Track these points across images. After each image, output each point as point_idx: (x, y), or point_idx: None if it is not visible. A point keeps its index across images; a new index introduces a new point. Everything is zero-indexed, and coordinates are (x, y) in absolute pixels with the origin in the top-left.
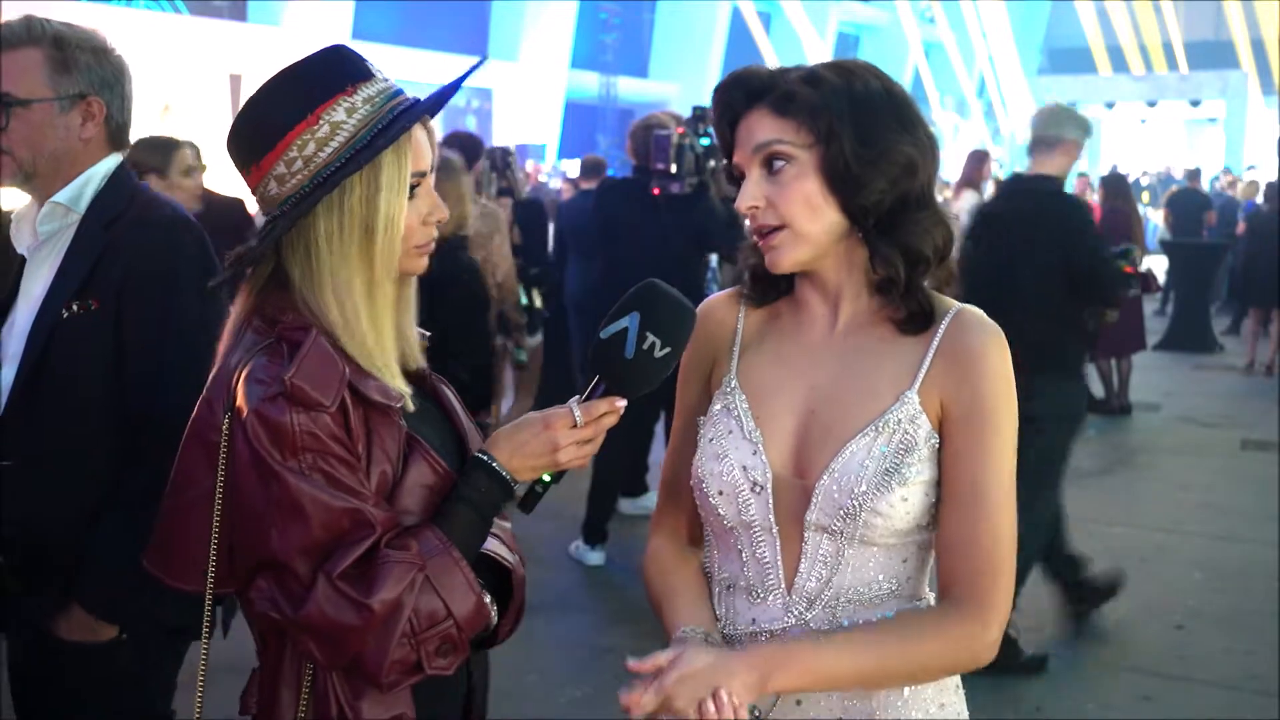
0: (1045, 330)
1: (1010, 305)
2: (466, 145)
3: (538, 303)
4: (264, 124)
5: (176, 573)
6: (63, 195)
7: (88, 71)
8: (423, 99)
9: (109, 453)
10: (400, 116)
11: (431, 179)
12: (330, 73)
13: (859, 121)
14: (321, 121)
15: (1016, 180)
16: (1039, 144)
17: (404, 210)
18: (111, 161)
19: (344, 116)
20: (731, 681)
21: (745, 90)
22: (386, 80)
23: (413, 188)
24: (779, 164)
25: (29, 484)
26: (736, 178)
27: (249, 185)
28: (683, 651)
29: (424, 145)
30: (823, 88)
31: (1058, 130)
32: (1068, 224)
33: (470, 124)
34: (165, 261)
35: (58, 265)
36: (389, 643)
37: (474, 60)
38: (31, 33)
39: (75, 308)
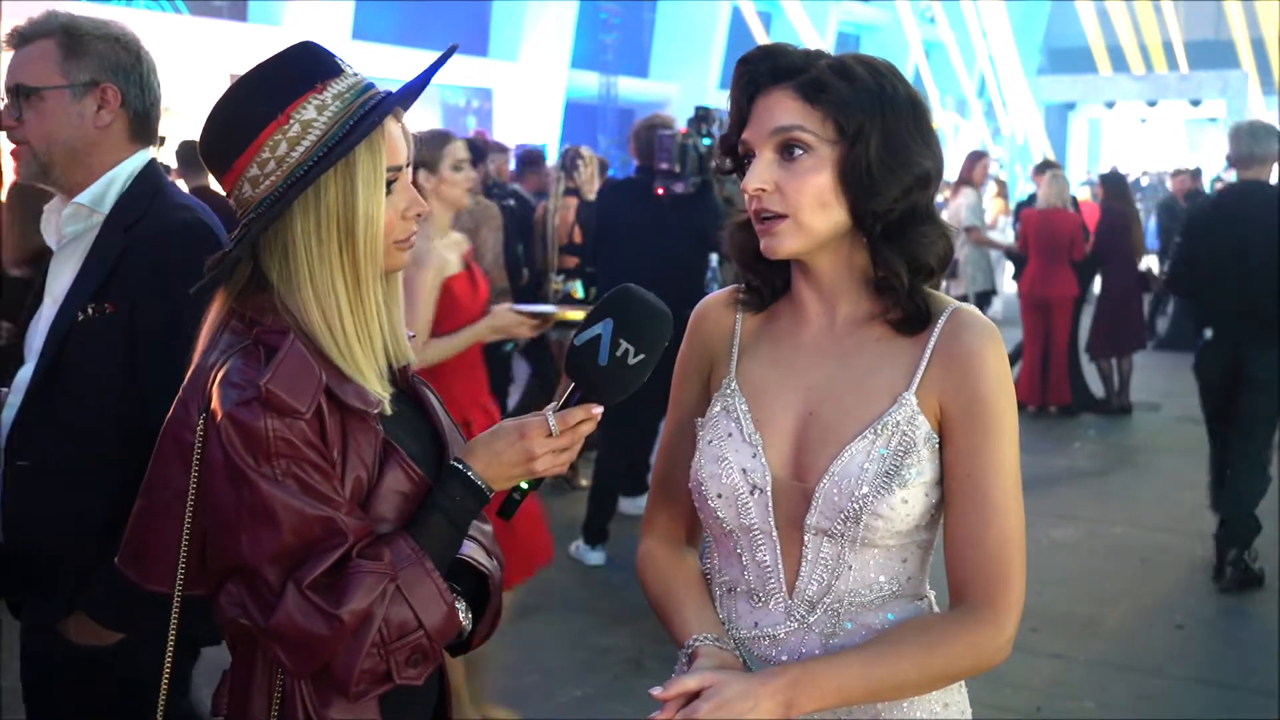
0: (1266, 309)
1: (1236, 288)
2: (472, 148)
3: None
4: (234, 126)
5: (148, 573)
6: (86, 196)
7: (100, 58)
8: (394, 92)
9: (120, 456)
10: (372, 111)
11: (408, 173)
12: (298, 71)
13: (886, 127)
14: (292, 120)
15: (1232, 188)
16: (1251, 160)
17: (382, 206)
18: (138, 160)
19: (314, 114)
20: (757, 712)
21: (774, 65)
22: (356, 75)
23: (389, 183)
24: (797, 152)
25: (42, 483)
26: (740, 155)
27: (224, 189)
28: (715, 682)
29: (398, 139)
30: (855, 85)
31: (1265, 147)
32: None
33: (470, 124)
34: (176, 267)
35: (79, 266)
36: (359, 653)
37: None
38: (45, 24)
39: (91, 310)
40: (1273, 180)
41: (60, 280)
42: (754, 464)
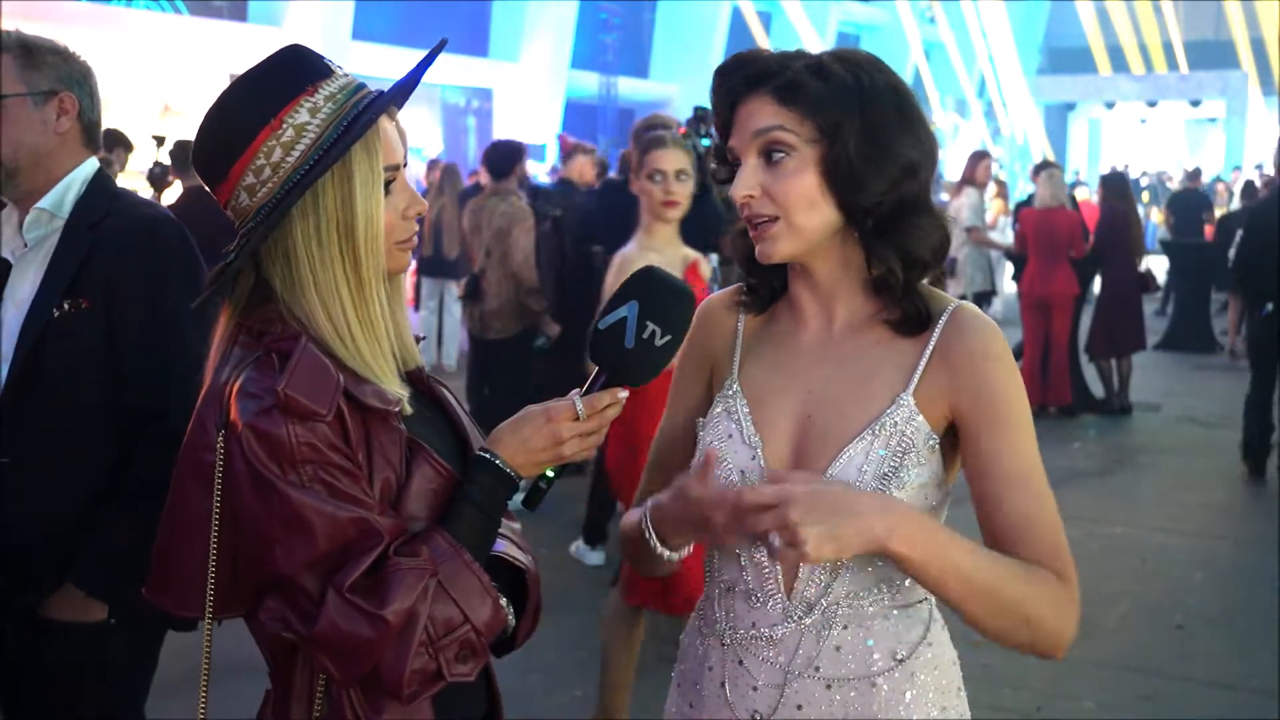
0: None
1: None
2: (505, 153)
3: None
4: (226, 135)
5: (177, 599)
6: (46, 202)
7: (56, 69)
8: (386, 91)
9: (103, 448)
10: (365, 111)
11: (405, 172)
12: (288, 74)
13: (865, 120)
14: (285, 125)
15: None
16: None
17: (381, 206)
18: (90, 166)
19: (307, 117)
20: (854, 521)
21: (748, 73)
22: (347, 75)
23: (387, 183)
24: (778, 155)
25: (24, 480)
26: (730, 162)
27: (220, 200)
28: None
29: (394, 138)
30: (831, 82)
31: None
32: None
33: (470, 124)
34: (151, 259)
35: (44, 268)
36: (407, 653)
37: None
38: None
39: (66, 306)
40: None
41: (24, 285)
42: (753, 465)
